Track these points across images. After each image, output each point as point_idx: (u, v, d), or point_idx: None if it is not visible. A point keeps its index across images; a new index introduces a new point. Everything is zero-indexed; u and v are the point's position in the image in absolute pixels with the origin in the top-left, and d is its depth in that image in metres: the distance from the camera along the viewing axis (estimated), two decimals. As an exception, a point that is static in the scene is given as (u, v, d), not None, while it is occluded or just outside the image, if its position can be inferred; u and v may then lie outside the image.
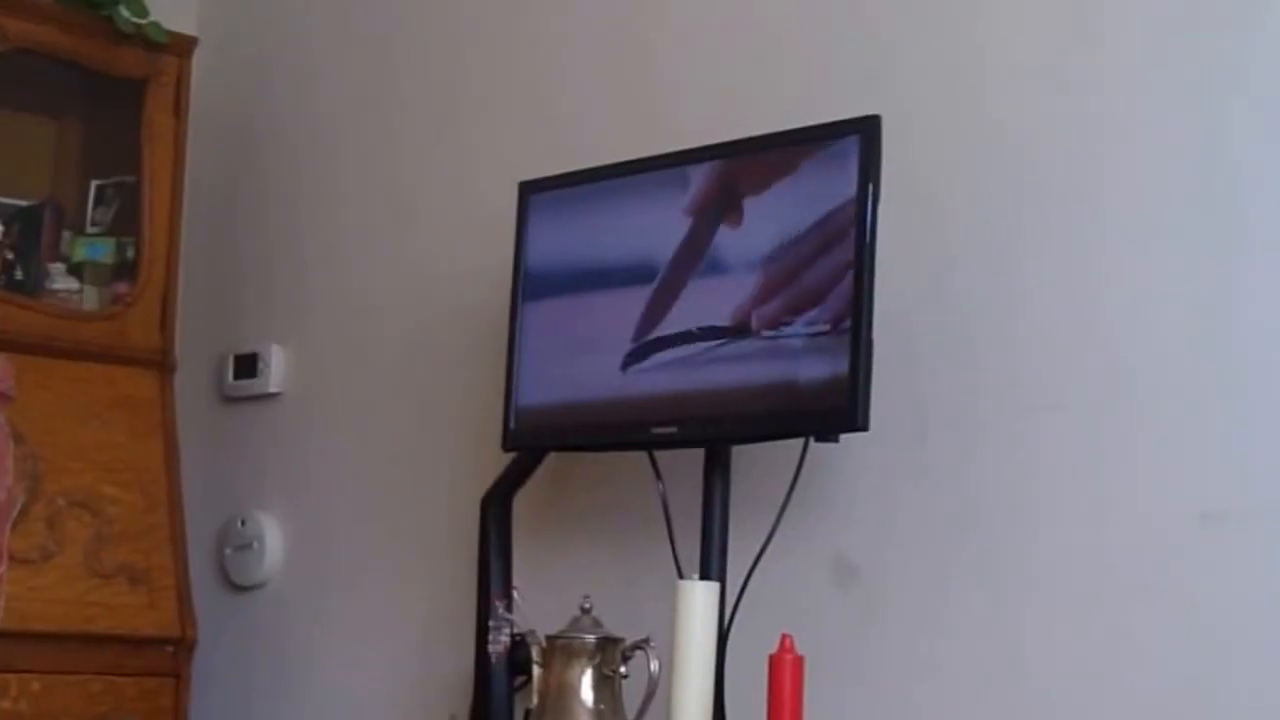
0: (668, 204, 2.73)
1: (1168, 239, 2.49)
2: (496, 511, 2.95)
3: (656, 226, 2.74)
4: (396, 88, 3.60)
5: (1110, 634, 2.46)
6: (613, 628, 2.65)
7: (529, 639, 2.66)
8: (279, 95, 3.84)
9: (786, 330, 2.55)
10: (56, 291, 3.59)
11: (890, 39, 2.82)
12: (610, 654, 2.62)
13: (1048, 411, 2.56)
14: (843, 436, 2.54)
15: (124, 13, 3.54)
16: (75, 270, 3.63)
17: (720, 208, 2.68)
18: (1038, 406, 2.57)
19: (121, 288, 3.60)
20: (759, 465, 2.70)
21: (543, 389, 2.85)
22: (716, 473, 2.66)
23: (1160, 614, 2.42)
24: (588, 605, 2.65)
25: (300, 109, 3.78)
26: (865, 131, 2.52)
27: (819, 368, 2.51)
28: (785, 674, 2.36)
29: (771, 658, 2.37)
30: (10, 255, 3.59)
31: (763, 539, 2.61)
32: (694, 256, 2.68)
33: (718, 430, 2.65)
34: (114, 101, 3.66)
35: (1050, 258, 2.59)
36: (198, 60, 3.66)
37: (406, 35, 3.60)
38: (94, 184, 3.70)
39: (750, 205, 2.64)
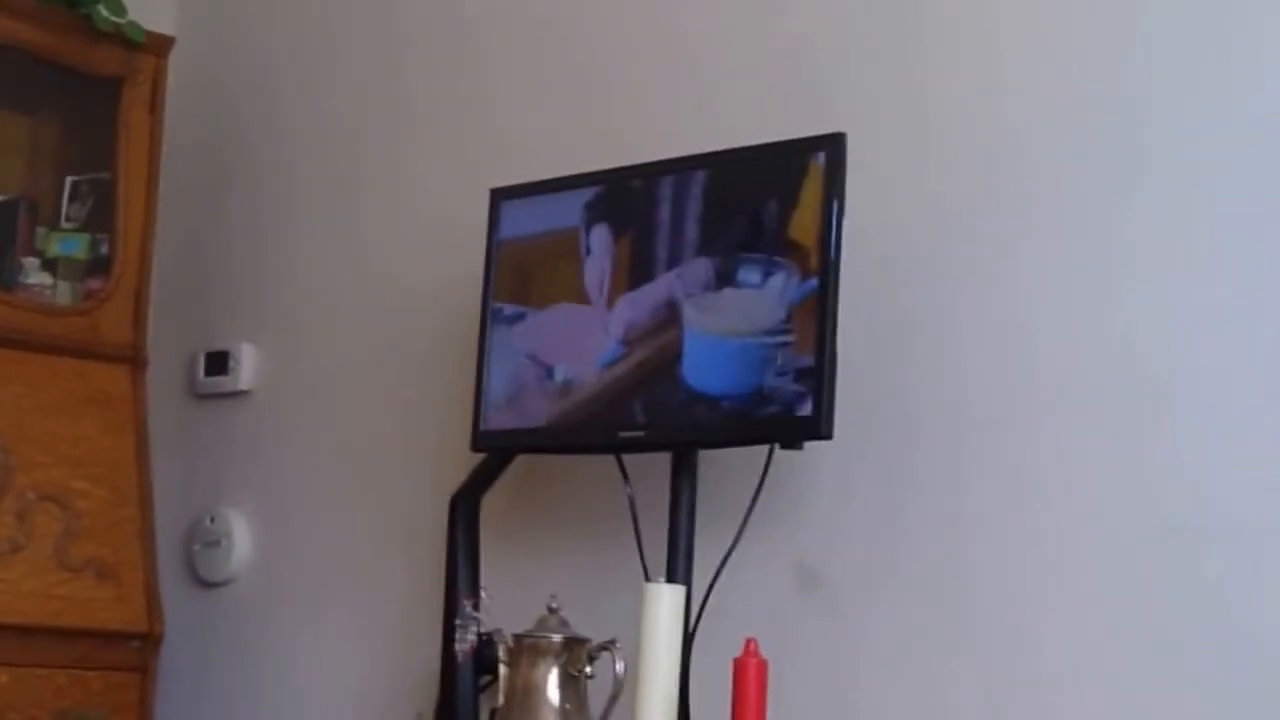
0: (631, 216, 2.77)
1: (1132, 254, 2.53)
2: (465, 511, 2.97)
3: (620, 242, 2.78)
4: (370, 90, 3.61)
5: (1074, 643, 2.50)
6: (579, 628, 2.67)
7: (496, 638, 2.68)
8: (254, 96, 3.85)
9: (759, 339, 2.59)
10: (30, 286, 3.59)
11: (840, 64, 2.86)
12: (576, 654, 2.64)
13: (1012, 424, 2.60)
14: (806, 444, 2.58)
15: (102, 11, 3.54)
16: (49, 265, 3.63)
17: (688, 219, 2.71)
18: (1000, 419, 2.61)
19: (95, 283, 3.61)
20: (724, 470, 2.74)
21: (511, 391, 2.89)
22: (683, 477, 2.69)
23: (1125, 625, 2.45)
24: (555, 605, 2.67)
25: (275, 110, 3.80)
26: (831, 148, 2.57)
27: (785, 376, 2.55)
28: (749, 677, 2.38)
29: (736, 661, 2.39)
30: (-16, 250, 3.61)
31: (728, 543, 2.64)
32: (662, 265, 2.72)
33: (685, 435, 2.68)
34: (90, 99, 3.66)
35: (1014, 272, 2.64)
36: (174, 60, 3.67)
37: (380, 39, 3.62)
38: (69, 180, 3.70)
39: (716, 217, 2.68)
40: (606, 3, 3.23)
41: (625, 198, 2.79)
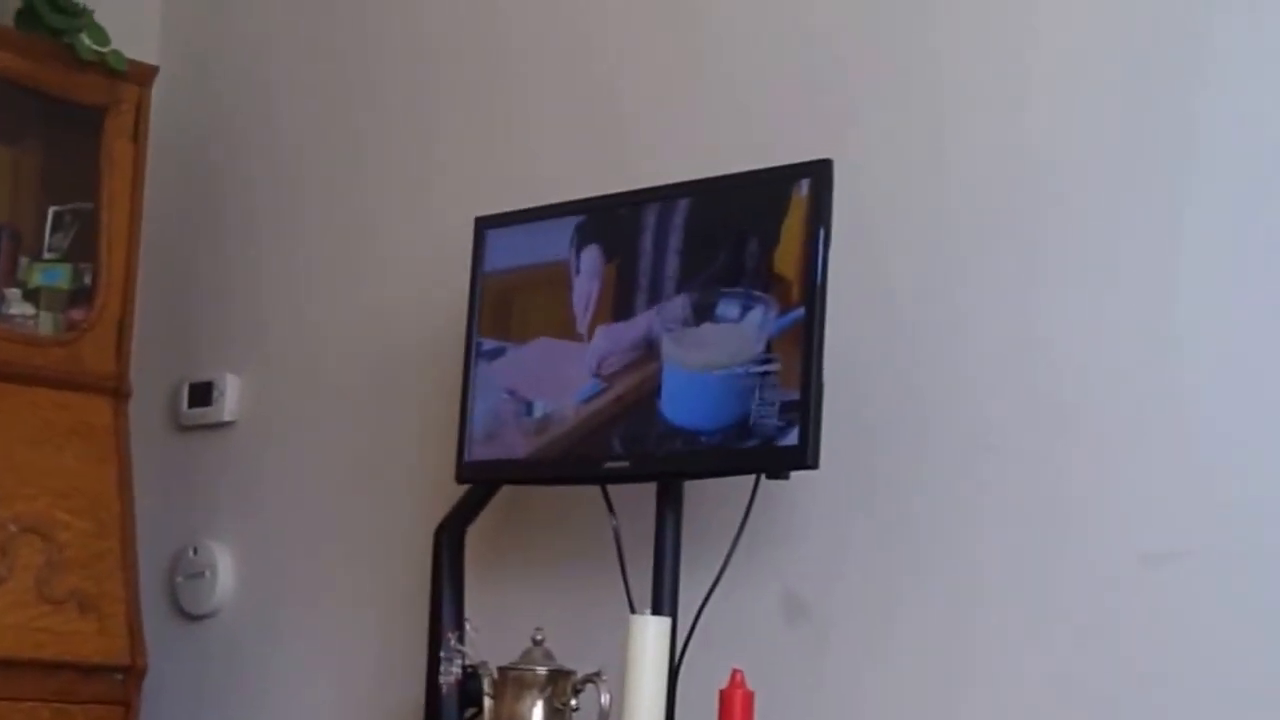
0: (621, 242, 2.76)
1: (1113, 284, 2.52)
2: (450, 543, 2.96)
3: (609, 265, 2.77)
4: (355, 119, 3.61)
5: (1052, 672, 2.49)
6: (564, 660, 2.66)
7: (481, 670, 2.67)
8: (238, 125, 3.85)
9: (739, 369, 2.58)
10: (12, 316, 3.58)
11: (845, 84, 2.85)
12: (561, 686, 2.63)
13: (992, 451, 2.59)
14: (792, 474, 2.57)
15: (85, 40, 3.55)
16: (31, 296, 3.62)
17: (670, 249, 2.70)
18: (982, 447, 2.60)
19: (77, 314, 3.59)
20: (711, 501, 2.72)
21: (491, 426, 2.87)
22: (669, 508, 2.67)
23: (1101, 653, 2.45)
24: (540, 637, 2.66)
25: (259, 139, 3.79)
26: (816, 175, 2.56)
27: (770, 406, 2.54)
28: (735, 708, 2.38)
29: (722, 692, 2.39)
30: (-34, 280, 3.60)
31: (714, 574, 2.63)
32: (647, 295, 2.71)
33: (670, 465, 2.67)
34: (73, 128, 3.65)
35: (997, 300, 2.63)
36: (158, 89, 3.66)
37: (367, 66, 3.62)
38: (52, 210, 3.69)
39: (699, 245, 2.67)
40: (610, 24, 3.22)
41: (613, 224, 2.78)
